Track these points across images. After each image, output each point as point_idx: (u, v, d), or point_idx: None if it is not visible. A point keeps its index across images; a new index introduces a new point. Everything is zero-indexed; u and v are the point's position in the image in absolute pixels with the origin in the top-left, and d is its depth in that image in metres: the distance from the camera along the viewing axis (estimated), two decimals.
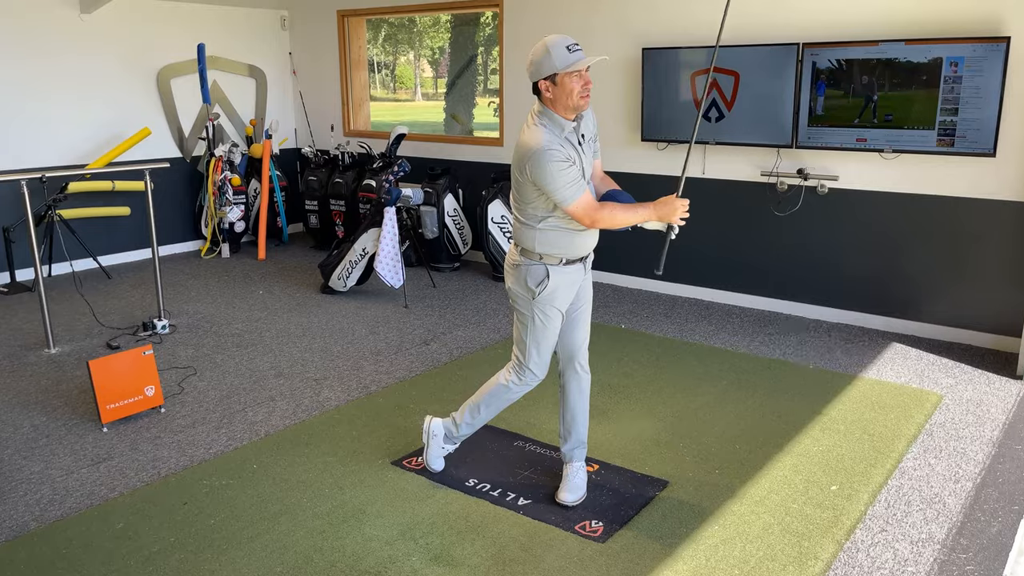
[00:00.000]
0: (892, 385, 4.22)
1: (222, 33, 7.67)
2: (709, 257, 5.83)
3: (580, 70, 2.65)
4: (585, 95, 2.69)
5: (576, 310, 3.04)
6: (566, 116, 2.73)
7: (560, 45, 2.64)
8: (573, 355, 3.08)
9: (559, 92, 2.68)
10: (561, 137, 2.73)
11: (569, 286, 2.93)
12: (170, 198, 7.44)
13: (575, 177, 2.69)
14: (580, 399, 3.11)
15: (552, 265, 2.87)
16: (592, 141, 2.91)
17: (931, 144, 4.74)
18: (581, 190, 2.71)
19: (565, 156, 2.67)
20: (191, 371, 4.53)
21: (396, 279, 5.78)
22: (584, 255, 2.94)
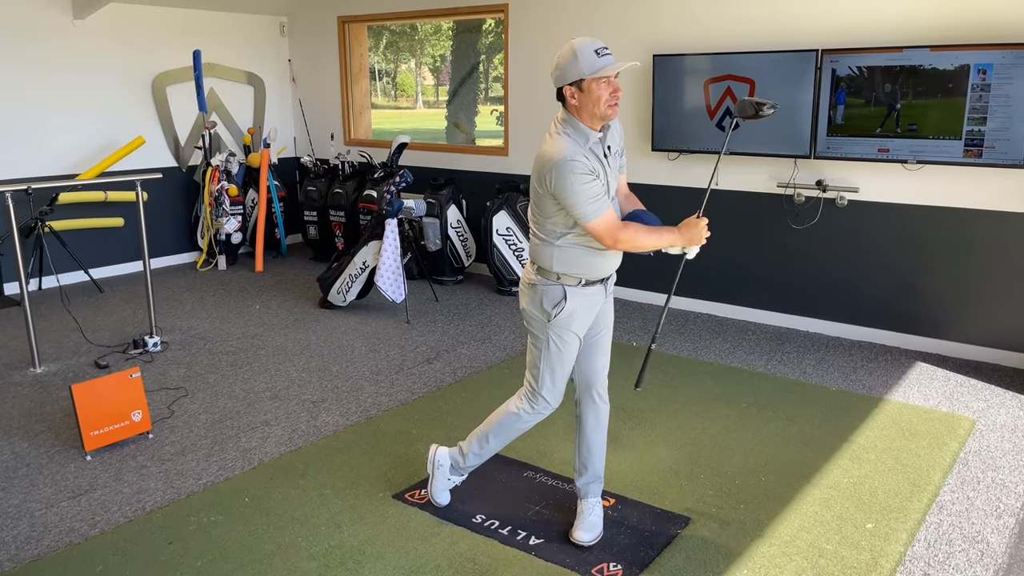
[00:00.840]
0: (921, 409, 4.00)
1: (220, 39, 7.48)
2: (723, 271, 5.61)
3: (609, 76, 2.45)
4: (614, 103, 2.48)
5: (595, 335, 2.81)
6: (592, 125, 2.53)
7: (588, 48, 2.44)
8: (591, 383, 2.85)
9: (585, 99, 2.48)
10: (585, 148, 2.52)
11: (588, 309, 2.71)
12: (165, 209, 7.24)
13: (598, 192, 2.48)
14: (597, 431, 2.88)
15: (570, 286, 2.65)
16: (618, 155, 2.70)
17: (957, 155, 4.54)
18: (604, 207, 2.50)
19: (589, 168, 2.47)
20: (182, 392, 4.31)
21: (398, 294, 5.57)
22: (605, 276, 2.72)
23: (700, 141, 5.44)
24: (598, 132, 2.55)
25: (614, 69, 2.44)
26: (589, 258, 2.64)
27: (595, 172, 2.50)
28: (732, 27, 5.27)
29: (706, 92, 5.35)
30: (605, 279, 2.73)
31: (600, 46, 2.46)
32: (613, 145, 2.64)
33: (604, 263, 2.68)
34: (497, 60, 11.81)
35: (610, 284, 2.79)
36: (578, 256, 2.63)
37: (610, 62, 2.45)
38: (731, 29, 5.28)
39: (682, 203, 5.67)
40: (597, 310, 2.76)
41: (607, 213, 2.51)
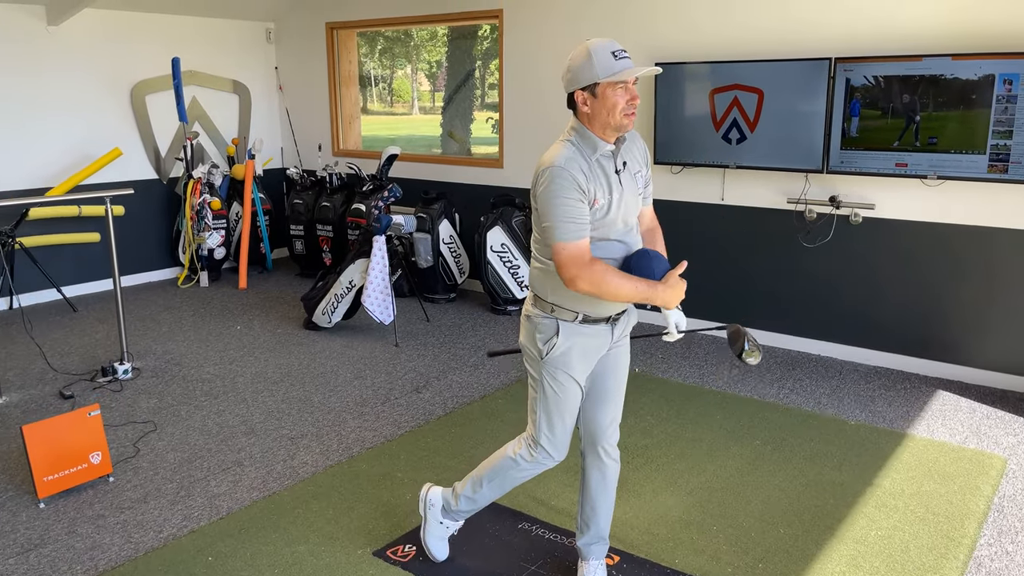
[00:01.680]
0: (948, 446, 3.70)
1: (203, 46, 7.18)
2: (728, 290, 5.32)
3: (627, 81, 2.19)
4: (630, 112, 2.22)
5: (602, 383, 2.48)
6: (604, 136, 2.25)
7: (605, 50, 2.19)
8: (596, 437, 2.53)
9: (598, 106, 2.21)
10: (591, 159, 2.23)
11: (586, 352, 2.38)
12: (145, 223, 6.93)
13: (579, 215, 2.18)
14: (603, 491, 2.56)
15: (565, 321, 2.34)
16: (639, 174, 2.38)
17: (981, 170, 4.25)
18: (579, 234, 2.18)
19: (578, 185, 2.17)
20: (150, 427, 3.99)
21: (386, 315, 5.27)
22: (609, 315, 2.37)
23: (705, 154, 5.15)
24: (610, 144, 2.27)
25: (632, 73, 2.18)
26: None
27: (588, 193, 2.19)
28: (739, 34, 4.99)
29: (712, 102, 5.06)
30: (611, 318, 2.39)
31: (618, 48, 2.20)
32: (630, 161, 2.35)
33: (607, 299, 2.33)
34: (493, 66, 11.55)
35: (622, 326, 2.44)
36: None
37: (628, 66, 2.19)
38: (738, 36, 5.00)
39: (687, 220, 5.38)
40: (599, 355, 2.43)
41: (579, 242, 2.18)
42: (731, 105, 5.00)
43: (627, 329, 2.49)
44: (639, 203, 2.38)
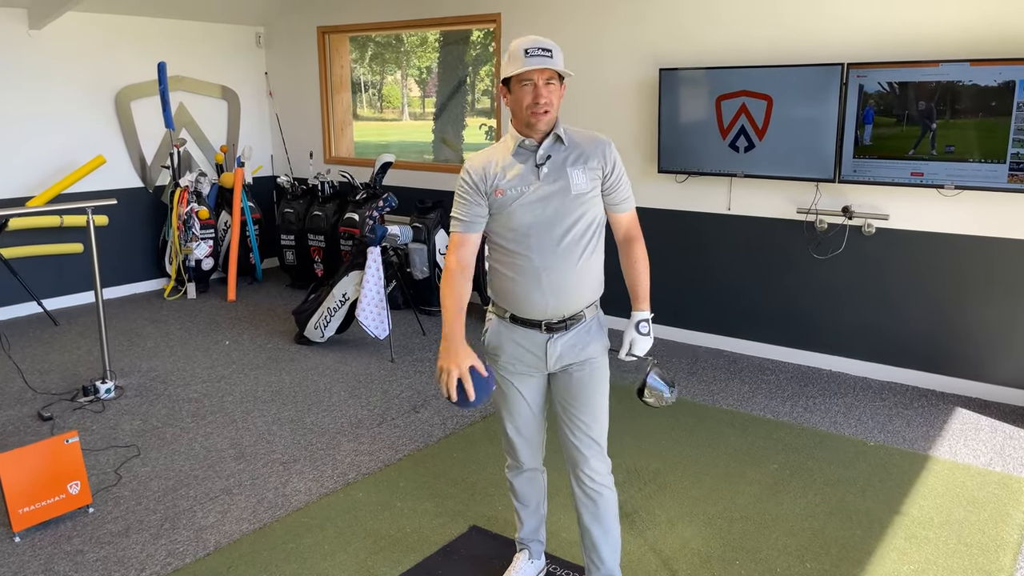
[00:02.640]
0: (973, 469, 3.54)
1: (190, 51, 6.97)
2: (735, 303, 5.14)
3: (533, 79, 2.17)
4: (536, 111, 2.19)
5: (562, 406, 2.38)
6: (524, 131, 2.27)
7: (520, 47, 2.18)
8: (571, 464, 2.42)
9: (513, 102, 2.25)
10: (506, 155, 2.28)
11: (518, 354, 2.34)
12: (129, 232, 6.70)
13: (465, 214, 2.28)
14: (596, 525, 2.42)
15: (498, 316, 2.39)
16: (586, 172, 2.26)
17: (1001, 180, 4.10)
18: (461, 228, 2.28)
19: (471, 184, 2.27)
20: (133, 452, 3.78)
21: (381, 329, 5.07)
22: (537, 318, 2.28)
23: (711, 162, 4.99)
24: (530, 139, 2.26)
25: (525, 67, 2.14)
26: (503, 285, 2.32)
27: (486, 186, 2.25)
28: (747, 39, 4.83)
29: (718, 109, 4.90)
30: (546, 324, 2.29)
31: (536, 46, 2.17)
32: (570, 158, 2.26)
33: (524, 297, 2.27)
34: (484, 72, 11.38)
35: (570, 341, 2.31)
36: (496, 279, 2.35)
37: (535, 63, 2.15)
38: (745, 41, 4.84)
39: (691, 230, 5.21)
40: (533, 360, 2.34)
41: (458, 237, 2.28)
42: (738, 112, 4.83)
43: (587, 350, 2.34)
44: (578, 206, 2.25)
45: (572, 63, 5.48)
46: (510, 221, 2.24)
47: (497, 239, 2.30)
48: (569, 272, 2.24)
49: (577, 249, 2.25)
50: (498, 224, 2.28)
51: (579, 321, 2.31)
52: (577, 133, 2.32)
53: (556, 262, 2.23)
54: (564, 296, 2.26)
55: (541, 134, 2.25)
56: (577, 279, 2.26)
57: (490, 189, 2.25)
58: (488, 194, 2.26)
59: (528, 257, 2.24)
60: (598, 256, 2.33)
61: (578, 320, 2.31)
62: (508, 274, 2.28)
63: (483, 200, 2.26)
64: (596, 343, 2.35)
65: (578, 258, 2.25)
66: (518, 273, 2.26)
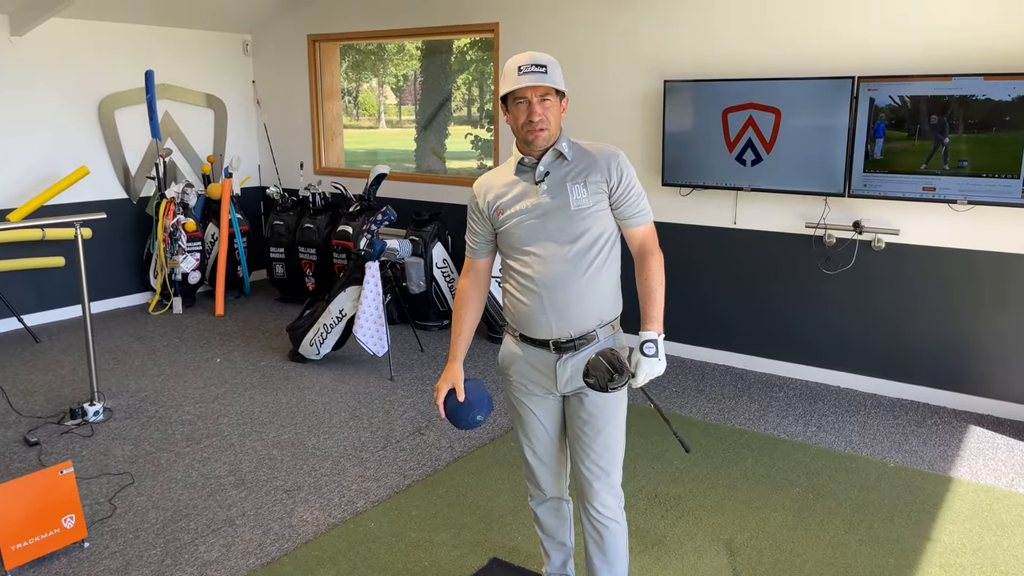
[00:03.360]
0: (998, 491, 3.47)
1: (176, 59, 6.78)
2: (741, 318, 5.06)
3: (527, 97, 2.14)
4: (532, 129, 2.15)
5: (571, 430, 2.32)
6: (523, 149, 2.25)
7: (514, 64, 2.16)
8: (580, 492, 2.34)
9: (510, 121, 2.22)
10: (508, 174, 2.28)
11: (528, 374, 2.30)
12: (114, 245, 6.49)
13: (474, 235, 2.34)
14: (598, 558, 2.34)
15: (509, 335, 2.36)
16: (587, 187, 2.19)
17: (1015, 195, 4.06)
18: (471, 251, 2.36)
19: (474, 206, 2.31)
20: (127, 480, 3.60)
21: (379, 346, 4.92)
22: (539, 336, 2.23)
23: (716, 176, 4.91)
24: (529, 156, 2.23)
25: (517, 84, 2.11)
26: (512, 303, 2.28)
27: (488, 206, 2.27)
28: (755, 50, 4.77)
29: (724, 122, 4.82)
30: (555, 344, 2.23)
31: (529, 62, 2.14)
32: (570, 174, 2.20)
33: (529, 316, 2.22)
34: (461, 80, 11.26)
35: (574, 364, 2.22)
36: (506, 298, 2.32)
37: (528, 80, 2.11)
38: (754, 53, 4.77)
39: (695, 244, 5.12)
40: (547, 383, 2.28)
41: (467, 262, 2.37)
42: (746, 125, 4.76)
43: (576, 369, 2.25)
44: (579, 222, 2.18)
45: (574, 74, 5.38)
46: (512, 239, 2.23)
47: (504, 258, 2.29)
48: (572, 290, 2.17)
49: (581, 266, 2.17)
50: (503, 242, 2.27)
51: (591, 342, 2.22)
52: (586, 146, 2.26)
53: (558, 280, 2.17)
54: (567, 315, 2.18)
55: (540, 151, 2.21)
56: (580, 297, 2.18)
57: (491, 210, 2.25)
58: (490, 215, 2.26)
59: (530, 275, 2.20)
60: (609, 273, 2.23)
61: (589, 341, 2.22)
62: (514, 293, 2.25)
63: (486, 223, 2.28)
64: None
65: (582, 274, 2.17)
66: (523, 292, 2.22)
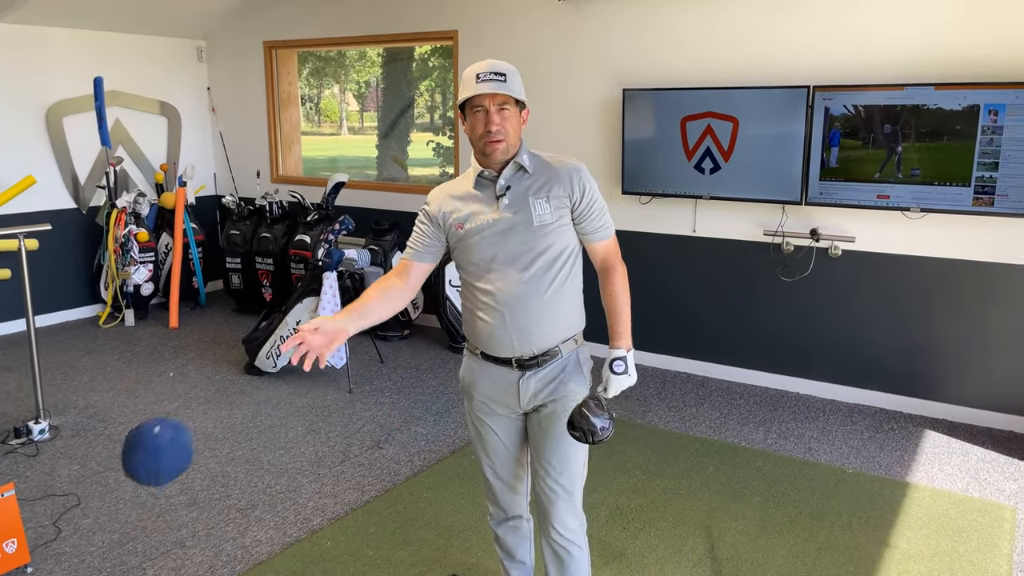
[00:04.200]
0: (953, 496, 3.51)
1: (128, 65, 6.62)
2: (702, 326, 5.08)
3: (484, 105, 2.04)
4: (489, 140, 2.06)
5: (533, 446, 2.25)
6: (482, 161, 2.14)
7: (473, 72, 2.07)
8: (540, 512, 2.28)
9: (468, 130, 2.12)
10: (467, 186, 2.17)
11: (491, 393, 2.22)
12: (61, 256, 6.30)
13: (417, 241, 2.22)
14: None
15: (470, 352, 2.29)
16: (550, 202, 2.11)
17: (966, 203, 4.12)
18: (412, 253, 2.23)
19: (426, 214, 2.21)
20: (73, 501, 3.47)
21: (338, 358, 4.84)
22: (501, 355, 2.16)
23: (675, 184, 4.92)
24: (488, 169, 2.13)
25: (477, 92, 2.02)
26: (473, 321, 2.21)
27: (444, 218, 2.16)
28: (713, 60, 4.79)
29: (683, 130, 4.84)
30: (518, 361, 2.15)
31: (487, 70, 2.05)
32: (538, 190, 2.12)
33: (491, 333, 2.14)
34: (424, 87, 11.22)
35: (537, 380, 2.16)
36: (465, 315, 2.25)
37: (486, 88, 2.02)
38: (712, 62, 4.79)
39: (655, 252, 5.13)
40: (510, 401, 2.20)
41: (404, 263, 2.23)
42: (704, 133, 4.78)
43: (563, 388, 2.18)
44: (541, 238, 2.11)
45: (533, 82, 5.36)
46: (471, 255, 2.15)
47: (462, 274, 2.22)
48: (534, 307, 2.11)
49: (544, 282, 2.11)
50: (461, 258, 2.19)
51: (554, 358, 2.17)
52: (547, 159, 2.18)
53: (520, 297, 2.11)
54: (530, 332, 2.12)
55: (499, 164, 2.12)
56: (543, 314, 2.12)
57: (448, 223, 2.16)
58: (447, 228, 2.17)
59: (491, 292, 2.13)
60: (571, 288, 2.18)
61: (553, 356, 2.16)
62: (474, 310, 2.18)
63: (439, 232, 2.19)
64: (574, 381, 2.19)
65: (544, 291, 2.11)
66: (483, 309, 2.15)
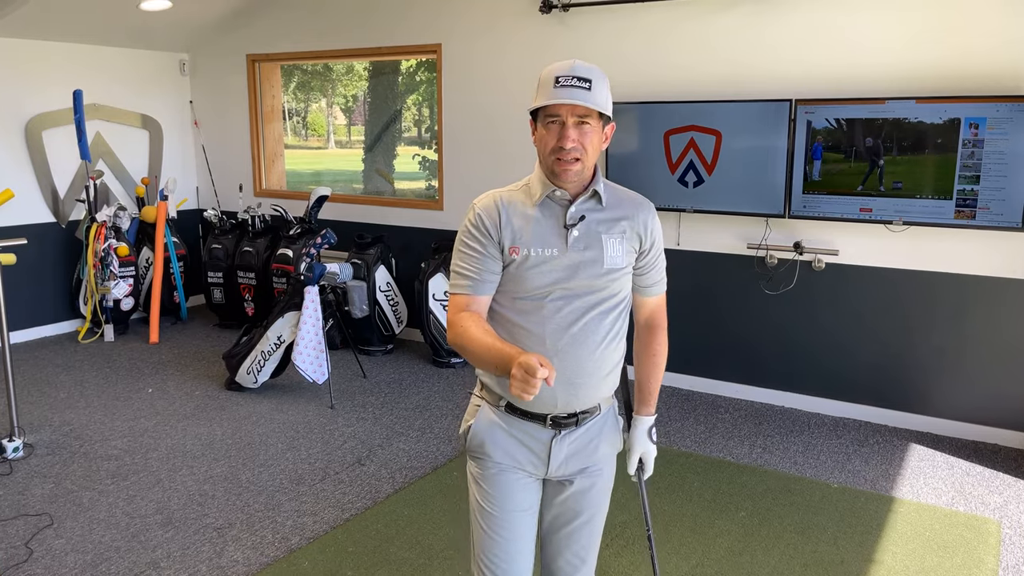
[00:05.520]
0: (938, 511, 3.49)
1: (109, 78, 6.57)
2: (687, 339, 5.06)
3: (559, 115, 1.74)
4: (563, 159, 1.75)
5: (554, 520, 1.95)
6: (551, 179, 1.81)
7: (552, 74, 1.77)
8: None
9: (537, 141, 1.82)
10: (529, 203, 1.83)
11: (512, 448, 1.86)
12: (40, 271, 6.21)
13: (472, 268, 1.81)
14: None
15: (488, 403, 1.90)
16: (623, 243, 1.83)
17: (948, 216, 4.13)
18: (465, 287, 1.80)
19: (484, 228, 1.81)
20: (46, 520, 3.39)
21: (319, 373, 4.78)
22: (537, 411, 1.83)
23: (659, 197, 4.90)
24: (560, 190, 1.81)
25: (553, 100, 1.72)
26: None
27: (501, 237, 1.80)
28: (696, 73, 4.80)
29: (667, 144, 4.84)
30: (555, 419, 1.84)
31: (569, 73, 1.75)
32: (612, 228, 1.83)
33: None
34: (411, 101, 11.23)
35: (572, 441, 1.86)
36: None
37: (565, 97, 1.72)
38: (694, 75, 4.80)
39: None
40: (535, 463, 1.87)
41: (462, 299, 1.80)
42: (687, 147, 4.78)
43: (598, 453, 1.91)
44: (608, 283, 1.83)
45: (516, 96, 5.36)
46: (522, 288, 1.80)
47: (500, 308, 1.84)
48: (587, 359, 1.81)
49: (599, 332, 1.82)
50: (508, 288, 1.82)
51: (593, 415, 1.89)
52: (619, 192, 1.90)
53: (573, 346, 1.80)
54: (579, 387, 1.82)
55: (573, 187, 1.81)
56: (597, 367, 1.83)
57: (506, 242, 1.80)
58: (503, 247, 1.80)
59: (539, 336, 1.79)
60: (621, 343, 1.90)
61: (592, 414, 1.88)
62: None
63: (497, 253, 1.80)
64: (608, 442, 1.93)
65: (599, 344, 1.82)
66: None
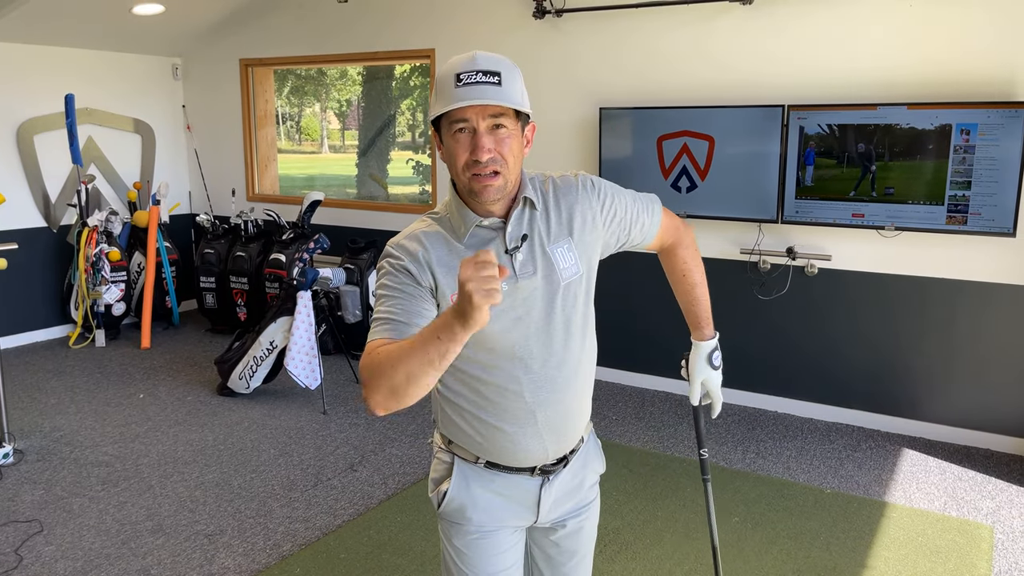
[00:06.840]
0: (931, 516, 3.49)
1: (101, 83, 6.54)
2: (680, 345, 5.04)
3: (466, 118, 1.40)
4: (479, 173, 1.41)
5: (547, 562, 1.77)
6: (472, 204, 1.49)
7: (452, 71, 1.42)
8: None
9: (445, 156, 1.47)
10: (449, 240, 1.49)
11: (494, 505, 1.62)
12: (30, 275, 6.18)
13: (391, 310, 1.41)
14: None
15: (462, 459, 1.64)
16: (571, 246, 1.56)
17: (940, 221, 4.15)
18: (392, 328, 1.39)
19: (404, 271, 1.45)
20: (35, 527, 3.36)
21: (312, 379, 4.76)
22: (523, 465, 1.60)
23: None
24: (489, 217, 1.49)
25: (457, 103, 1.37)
26: (478, 429, 1.57)
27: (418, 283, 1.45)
28: (689, 79, 4.81)
29: (660, 149, 4.84)
30: (540, 469, 1.62)
31: (470, 68, 1.40)
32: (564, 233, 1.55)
33: (512, 444, 1.56)
34: (405, 105, 11.24)
35: (560, 483, 1.66)
36: (460, 421, 1.59)
37: (470, 96, 1.37)
38: (688, 81, 4.81)
39: (631, 271, 5.11)
40: (523, 514, 1.65)
41: (376, 341, 1.38)
42: (680, 152, 4.79)
43: (584, 486, 1.72)
44: (572, 298, 1.56)
45: None
46: (483, 342, 1.51)
47: (462, 364, 1.54)
48: (571, 401, 1.60)
49: (573, 353, 1.59)
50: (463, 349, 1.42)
51: (577, 451, 1.70)
52: (546, 181, 1.61)
53: (555, 392, 1.57)
54: (566, 430, 1.62)
55: (502, 205, 1.50)
56: (579, 405, 1.64)
57: (437, 292, 1.48)
58: (439, 302, 1.49)
59: (515, 392, 1.54)
60: (593, 352, 1.68)
61: (576, 450, 1.70)
62: (483, 417, 1.57)
63: (427, 295, 1.46)
64: (593, 470, 1.76)
65: (576, 367, 1.59)
66: (499, 415, 1.55)
